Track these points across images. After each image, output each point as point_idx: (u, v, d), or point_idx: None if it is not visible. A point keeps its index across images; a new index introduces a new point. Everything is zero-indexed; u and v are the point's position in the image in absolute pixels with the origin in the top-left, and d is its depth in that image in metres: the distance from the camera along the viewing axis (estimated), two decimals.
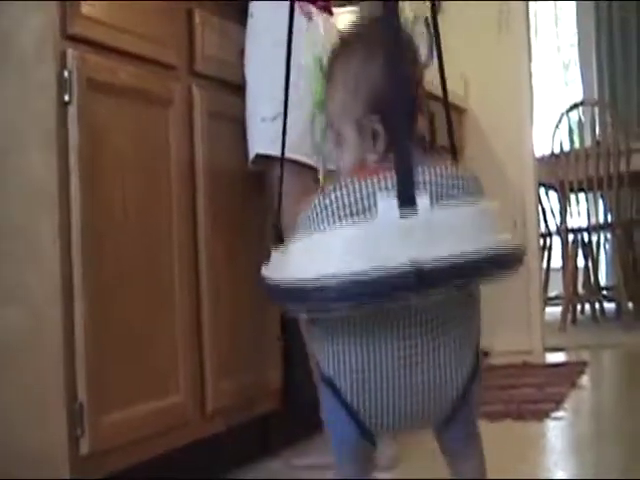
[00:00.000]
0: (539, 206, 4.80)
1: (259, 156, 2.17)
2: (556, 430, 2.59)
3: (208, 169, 2.12)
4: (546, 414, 2.70)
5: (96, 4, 1.78)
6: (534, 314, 4.34)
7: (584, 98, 6.64)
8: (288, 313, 1.33)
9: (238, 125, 2.22)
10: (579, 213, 5.36)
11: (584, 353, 4.17)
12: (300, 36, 1.73)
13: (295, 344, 2.26)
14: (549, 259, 5.50)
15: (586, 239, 5.41)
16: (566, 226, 5.26)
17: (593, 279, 5.52)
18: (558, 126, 5.27)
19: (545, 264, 5.34)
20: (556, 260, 5.53)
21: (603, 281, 6.16)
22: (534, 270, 4.36)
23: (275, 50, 1.95)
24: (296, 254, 1.27)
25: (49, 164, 1.68)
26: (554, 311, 5.23)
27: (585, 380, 3.38)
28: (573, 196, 5.34)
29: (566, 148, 5.24)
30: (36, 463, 1.68)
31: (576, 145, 5.27)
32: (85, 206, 1.71)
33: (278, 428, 2.46)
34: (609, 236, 5.56)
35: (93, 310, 1.72)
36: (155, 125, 1.97)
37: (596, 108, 5.44)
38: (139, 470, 1.84)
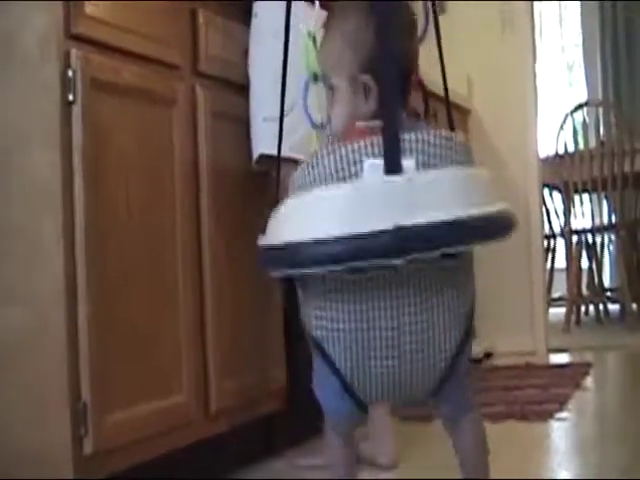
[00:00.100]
0: (543, 207, 4.80)
1: (263, 156, 2.17)
2: (560, 431, 2.59)
3: (212, 169, 2.12)
4: (550, 415, 2.70)
5: (100, 4, 1.78)
6: (538, 315, 4.34)
7: (588, 99, 6.64)
8: (274, 275, 1.34)
9: (242, 125, 2.22)
10: (583, 214, 5.36)
11: (588, 354, 4.17)
12: (299, 35, 1.73)
13: (299, 344, 2.26)
14: (553, 260, 5.49)
15: (590, 240, 5.41)
16: (570, 227, 5.26)
17: (597, 280, 5.51)
18: (562, 127, 5.27)
19: (549, 265, 5.34)
20: (560, 261, 5.53)
21: (607, 282, 6.16)
22: (538, 271, 4.36)
23: (279, 50, 1.95)
24: (284, 217, 1.29)
25: (53, 164, 1.68)
26: (558, 312, 5.23)
27: (589, 381, 3.37)
28: (577, 197, 5.34)
29: (570, 149, 5.24)
30: (40, 462, 1.68)
31: (580, 146, 5.26)
32: (89, 206, 1.71)
33: (282, 428, 2.46)
34: (613, 237, 5.54)
35: (97, 310, 1.72)
36: (159, 125, 1.97)
37: (600, 109, 5.44)
38: (142, 470, 1.84)
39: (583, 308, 5.66)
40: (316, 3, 1.82)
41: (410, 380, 1.34)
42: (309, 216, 1.26)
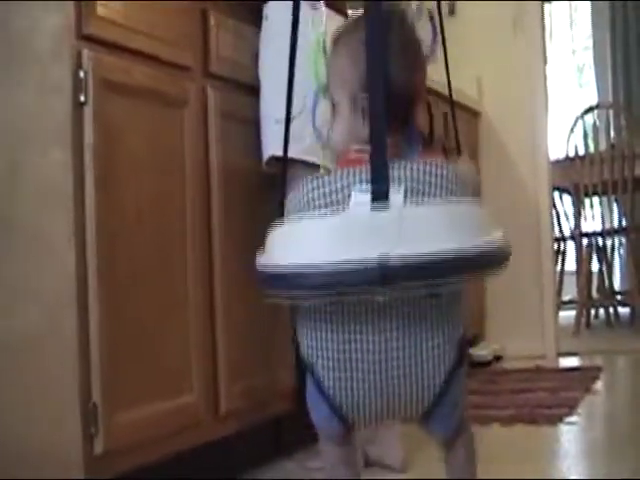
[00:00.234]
0: (553, 210, 4.79)
1: (273, 158, 2.17)
2: (569, 435, 2.58)
3: (222, 169, 2.12)
4: (559, 419, 2.69)
5: (111, 5, 1.79)
6: (548, 318, 4.33)
7: (599, 101, 6.63)
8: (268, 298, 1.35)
9: (252, 126, 2.22)
10: (593, 217, 5.35)
11: (598, 358, 4.15)
12: (308, 38, 1.74)
13: None
14: (563, 263, 5.48)
15: (600, 243, 5.40)
16: (580, 230, 5.25)
17: (607, 283, 5.50)
18: (573, 129, 5.26)
19: (559, 268, 5.33)
20: (570, 264, 5.52)
21: (617, 285, 6.13)
22: (548, 274, 4.35)
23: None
24: (275, 241, 1.32)
25: (64, 164, 1.69)
26: (568, 315, 5.21)
27: (599, 385, 3.36)
28: (587, 200, 5.33)
29: (581, 151, 5.23)
30: (51, 462, 1.69)
31: (591, 148, 5.25)
32: (100, 206, 1.71)
33: (290, 429, 2.46)
34: (623, 240, 5.53)
35: (107, 310, 1.72)
36: (170, 126, 1.97)
37: (611, 111, 5.43)
38: (152, 470, 1.84)
39: (593, 311, 5.65)
40: (321, 4, 1.80)
41: (398, 406, 1.34)
42: (297, 243, 1.27)
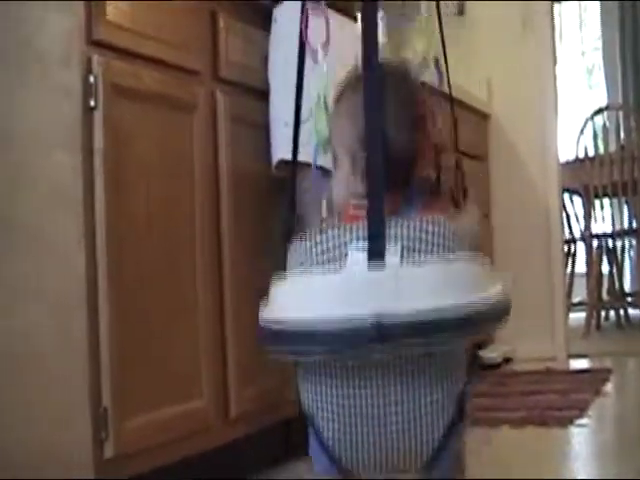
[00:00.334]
0: (563, 211, 4.78)
1: (282, 161, 2.18)
2: (580, 437, 2.57)
3: (232, 174, 2.12)
4: (570, 421, 2.68)
5: (121, 10, 1.79)
6: (558, 320, 4.32)
7: (609, 102, 6.62)
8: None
9: (262, 130, 2.22)
10: (603, 218, 5.34)
11: (608, 360, 4.14)
12: (309, 90, 1.76)
13: None
14: (573, 265, 5.47)
15: (611, 245, 5.38)
16: (590, 232, 5.24)
17: (618, 285, 5.49)
18: (583, 131, 5.25)
19: (569, 270, 5.32)
20: (580, 266, 5.51)
21: (628, 287, 6.12)
22: (558, 276, 4.34)
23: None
24: (277, 296, 1.35)
25: (74, 168, 1.69)
26: (578, 317, 5.20)
27: (609, 387, 3.35)
28: (597, 201, 5.32)
29: (591, 153, 5.22)
30: (61, 465, 1.69)
31: (601, 150, 5.25)
32: (109, 210, 1.72)
33: (300, 432, 2.46)
34: (634, 242, 5.52)
35: (117, 314, 1.72)
36: (179, 130, 1.97)
37: (621, 112, 5.41)
38: (161, 474, 1.85)
39: (603, 313, 5.63)
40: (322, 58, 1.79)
41: (397, 459, 1.34)
42: (296, 300, 1.30)
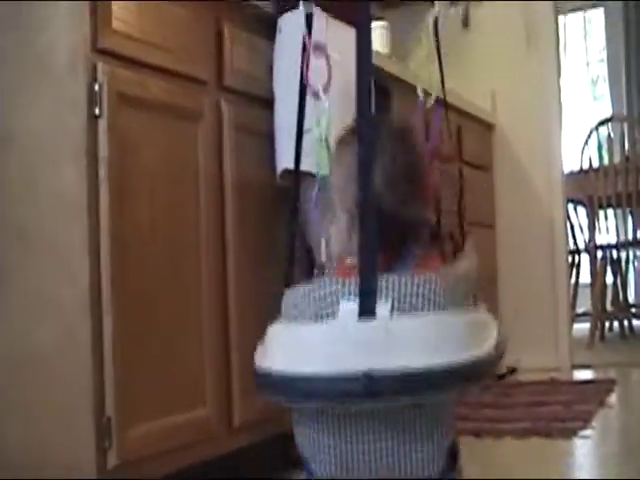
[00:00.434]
0: (568, 222, 4.78)
1: (287, 171, 2.18)
2: (584, 448, 2.56)
3: (236, 183, 2.12)
4: (574, 432, 2.68)
5: (127, 19, 1.80)
6: (562, 331, 4.31)
7: (613, 114, 6.62)
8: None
9: (266, 139, 2.23)
10: (608, 229, 5.33)
11: (612, 371, 4.13)
12: (311, 130, 1.79)
13: None
14: (577, 275, 5.47)
15: (615, 256, 5.38)
16: (595, 242, 5.23)
17: (622, 296, 5.48)
18: (587, 142, 5.25)
19: (573, 280, 5.31)
20: (584, 276, 5.50)
21: (632, 298, 6.11)
22: (562, 287, 4.33)
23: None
24: (270, 341, 1.39)
25: (80, 176, 1.69)
26: (582, 328, 5.19)
27: (613, 398, 3.34)
28: (602, 212, 5.31)
29: (595, 164, 5.22)
30: (65, 474, 1.69)
31: (605, 161, 5.24)
32: (114, 218, 1.72)
33: None
34: (638, 253, 5.51)
35: (121, 322, 1.72)
36: (184, 139, 1.98)
37: (625, 124, 5.41)
38: None
39: (607, 324, 5.63)
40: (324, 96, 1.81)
41: None
42: (287, 349, 1.33)
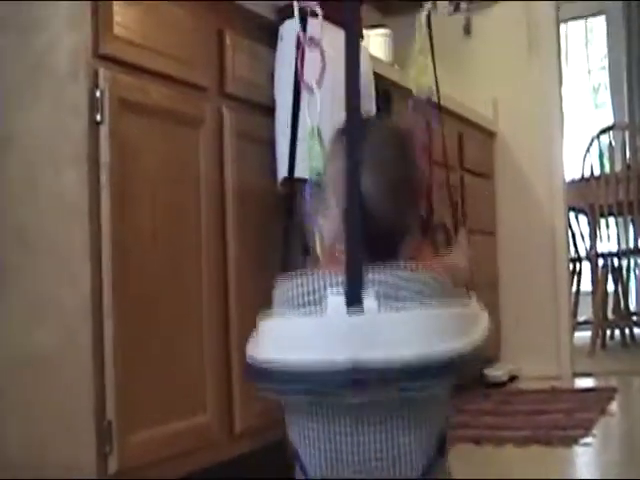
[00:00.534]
0: (569, 230, 4.77)
1: (287, 178, 2.18)
2: (585, 457, 2.56)
3: (237, 189, 2.13)
4: (575, 440, 2.67)
5: (128, 25, 1.80)
6: (563, 339, 4.31)
7: (615, 122, 6.62)
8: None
9: (267, 146, 2.23)
10: (609, 237, 5.33)
11: (613, 379, 4.13)
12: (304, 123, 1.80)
13: None
14: (579, 283, 5.46)
15: (616, 264, 5.37)
16: (596, 250, 5.23)
17: (623, 304, 5.47)
18: (589, 150, 5.25)
19: (575, 288, 5.31)
20: (586, 284, 5.49)
21: (633, 306, 6.10)
22: (564, 295, 4.33)
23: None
24: (260, 333, 1.40)
25: (81, 182, 1.70)
26: (583, 336, 5.18)
27: (614, 406, 3.34)
28: (603, 220, 5.31)
29: (596, 172, 5.22)
30: (65, 474, 1.68)
31: (606, 169, 5.24)
32: (115, 224, 1.72)
33: None
34: (639, 261, 5.51)
35: (122, 327, 1.72)
36: (185, 145, 1.98)
37: (627, 132, 5.41)
38: None
39: (609, 332, 5.62)
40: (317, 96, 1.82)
41: None
42: (275, 340, 1.34)
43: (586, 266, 5.44)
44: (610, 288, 5.37)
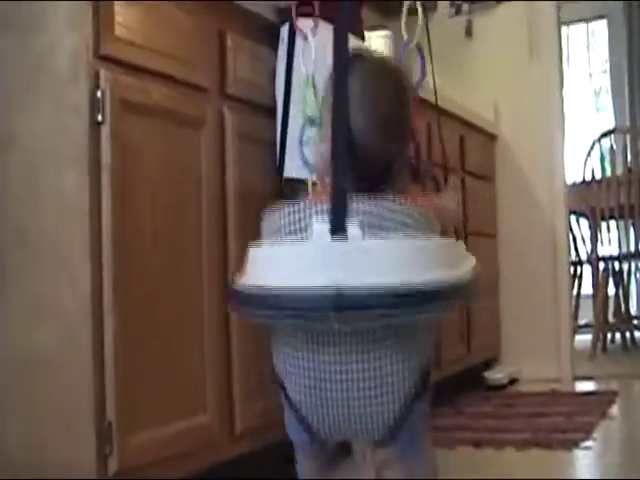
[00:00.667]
0: (570, 233, 4.77)
1: (288, 179, 2.17)
2: (585, 460, 2.56)
3: (239, 190, 2.13)
4: (575, 444, 2.67)
5: (129, 26, 1.80)
6: (564, 342, 4.31)
7: (616, 125, 6.61)
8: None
9: (269, 147, 2.23)
10: (610, 241, 5.32)
11: (614, 382, 4.12)
12: (298, 72, 1.81)
13: None
14: (579, 287, 5.46)
15: (617, 267, 5.37)
16: (597, 254, 5.23)
17: (624, 308, 5.47)
18: (590, 153, 5.25)
19: (575, 292, 5.30)
20: (586, 288, 5.49)
21: (634, 310, 6.10)
22: (564, 298, 4.33)
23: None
24: (247, 263, 1.43)
25: (81, 183, 1.70)
26: (584, 339, 5.18)
27: (615, 410, 3.33)
28: (604, 224, 5.31)
29: (598, 175, 5.22)
30: (65, 474, 1.68)
31: (608, 172, 5.24)
32: (116, 224, 1.72)
33: None
34: None
35: (123, 328, 1.72)
36: (186, 146, 1.98)
37: (628, 135, 5.41)
38: None
39: (609, 335, 5.61)
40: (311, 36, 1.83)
41: (360, 425, 1.39)
42: (263, 267, 1.38)
43: (587, 269, 5.44)
44: (611, 291, 5.37)
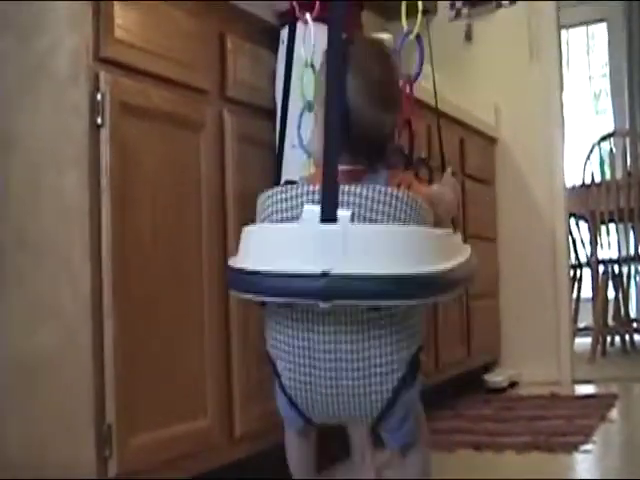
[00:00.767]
0: (569, 237, 4.77)
1: (288, 182, 2.18)
2: (585, 463, 2.56)
3: (238, 193, 2.13)
4: (575, 447, 2.67)
5: (129, 29, 1.80)
6: (563, 345, 4.31)
7: (615, 128, 6.61)
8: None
9: (269, 150, 2.23)
10: (609, 244, 5.33)
11: (613, 385, 4.12)
12: (298, 54, 1.84)
13: None
14: (579, 290, 5.46)
15: (616, 270, 5.37)
16: (596, 257, 5.23)
17: (623, 311, 5.47)
18: (589, 156, 5.25)
19: (575, 295, 5.30)
20: (586, 291, 5.49)
21: (633, 313, 6.10)
22: (564, 301, 4.33)
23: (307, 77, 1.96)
24: (241, 244, 1.47)
25: (82, 185, 1.70)
26: (584, 342, 5.18)
27: (615, 413, 3.33)
28: (604, 227, 5.31)
29: (597, 179, 5.22)
30: (65, 474, 1.68)
31: (607, 176, 5.24)
32: (116, 226, 1.72)
33: None
34: None
35: (123, 331, 1.72)
36: (186, 149, 1.98)
37: (627, 138, 5.42)
38: None
39: (609, 339, 5.61)
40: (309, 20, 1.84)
41: (349, 408, 1.41)
42: (253, 250, 1.41)
43: (587, 272, 5.44)
44: (611, 295, 5.37)
